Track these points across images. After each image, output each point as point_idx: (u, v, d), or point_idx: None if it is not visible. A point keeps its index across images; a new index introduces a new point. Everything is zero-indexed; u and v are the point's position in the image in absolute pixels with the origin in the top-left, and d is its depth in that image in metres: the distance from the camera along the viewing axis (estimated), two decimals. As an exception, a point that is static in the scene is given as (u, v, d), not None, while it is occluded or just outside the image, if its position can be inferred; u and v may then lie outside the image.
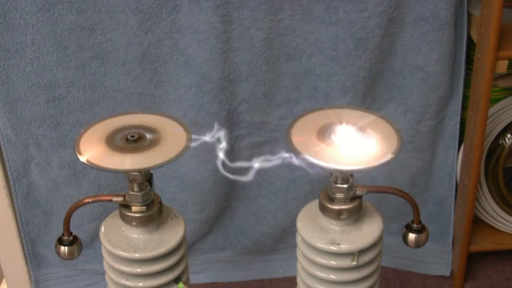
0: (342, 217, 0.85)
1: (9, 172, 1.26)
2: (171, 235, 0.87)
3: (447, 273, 1.40)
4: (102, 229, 0.88)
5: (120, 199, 0.85)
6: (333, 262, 0.86)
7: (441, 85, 1.23)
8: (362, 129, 0.84)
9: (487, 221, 1.37)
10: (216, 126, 0.84)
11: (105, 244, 0.86)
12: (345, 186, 0.84)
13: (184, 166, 1.27)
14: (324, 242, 0.86)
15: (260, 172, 1.32)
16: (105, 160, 0.80)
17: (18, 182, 1.27)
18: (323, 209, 0.86)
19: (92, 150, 0.82)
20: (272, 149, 1.29)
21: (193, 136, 0.84)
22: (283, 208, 1.34)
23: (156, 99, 1.21)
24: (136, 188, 0.83)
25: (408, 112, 1.26)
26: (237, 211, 1.36)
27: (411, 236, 0.90)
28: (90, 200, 0.87)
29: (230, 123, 1.24)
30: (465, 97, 1.28)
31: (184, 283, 0.89)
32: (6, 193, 1.27)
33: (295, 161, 0.81)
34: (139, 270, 0.86)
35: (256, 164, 0.82)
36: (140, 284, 0.87)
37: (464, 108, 1.28)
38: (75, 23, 1.12)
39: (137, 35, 1.14)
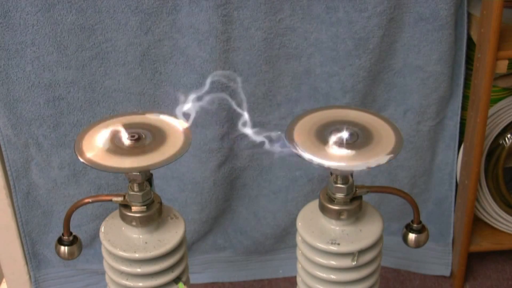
0: (342, 217, 0.85)
1: (9, 172, 1.26)
2: (171, 235, 0.87)
3: (447, 273, 1.40)
4: (102, 229, 0.88)
5: (120, 199, 0.85)
6: (333, 262, 0.86)
7: (441, 85, 1.23)
8: (362, 129, 0.84)
9: (487, 221, 1.37)
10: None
11: (105, 244, 0.86)
12: (345, 186, 0.84)
13: (184, 166, 1.27)
14: (324, 242, 0.86)
15: (261, 172, 1.32)
16: (105, 160, 0.80)
17: (18, 182, 1.27)
18: (323, 209, 0.86)
19: (92, 150, 0.82)
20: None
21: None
22: (283, 208, 1.34)
23: (156, 99, 1.21)
24: (136, 188, 0.83)
25: (408, 112, 1.26)
26: (237, 211, 1.36)
27: (411, 236, 0.90)
28: (90, 200, 0.87)
29: (230, 123, 1.24)
30: (465, 97, 1.28)
31: (184, 283, 0.89)
32: (6, 193, 1.27)
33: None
34: (139, 270, 0.86)
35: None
36: (140, 284, 0.87)
37: (464, 108, 1.28)
38: (75, 23, 1.12)
39: (137, 35, 1.14)
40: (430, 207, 1.37)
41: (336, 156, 0.80)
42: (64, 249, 0.90)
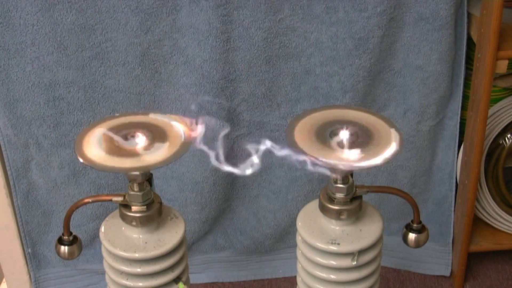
0: (342, 217, 0.85)
1: (9, 172, 1.26)
2: (171, 235, 0.87)
3: (447, 273, 1.40)
4: (102, 229, 0.88)
5: (120, 199, 0.85)
6: (333, 262, 0.86)
7: (441, 85, 1.23)
8: (362, 129, 0.84)
9: (487, 221, 1.37)
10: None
11: (105, 244, 0.86)
12: (345, 186, 0.84)
13: (184, 166, 1.27)
14: (324, 242, 0.86)
15: (260, 172, 1.32)
16: (105, 160, 0.80)
17: (18, 182, 1.27)
18: (323, 209, 0.86)
19: (92, 150, 0.82)
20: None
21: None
22: (283, 208, 1.34)
23: (156, 99, 1.22)
24: (136, 188, 0.83)
25: (408, 112, 1.26)
26: (237, 211, 1.36)
27: (411, 236, 0.91)
28: (90, 200, 0.87)
29: (230, 123, 1.24)
30: (465, 97, 1.28)
31: (184, 283, 0.89)
32: (6, 193, 1.27)
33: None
34: (139, 270, 0.86)
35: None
36: (140, 284, 0.87)
37: (464, 108, 1.28)
38: (75, 23, 1.12)
39: (137, 35, 1.14)
40: (430, 207, 1.37)
41: (336, 156, 0.80)
42: (64, 249, 0.90)
